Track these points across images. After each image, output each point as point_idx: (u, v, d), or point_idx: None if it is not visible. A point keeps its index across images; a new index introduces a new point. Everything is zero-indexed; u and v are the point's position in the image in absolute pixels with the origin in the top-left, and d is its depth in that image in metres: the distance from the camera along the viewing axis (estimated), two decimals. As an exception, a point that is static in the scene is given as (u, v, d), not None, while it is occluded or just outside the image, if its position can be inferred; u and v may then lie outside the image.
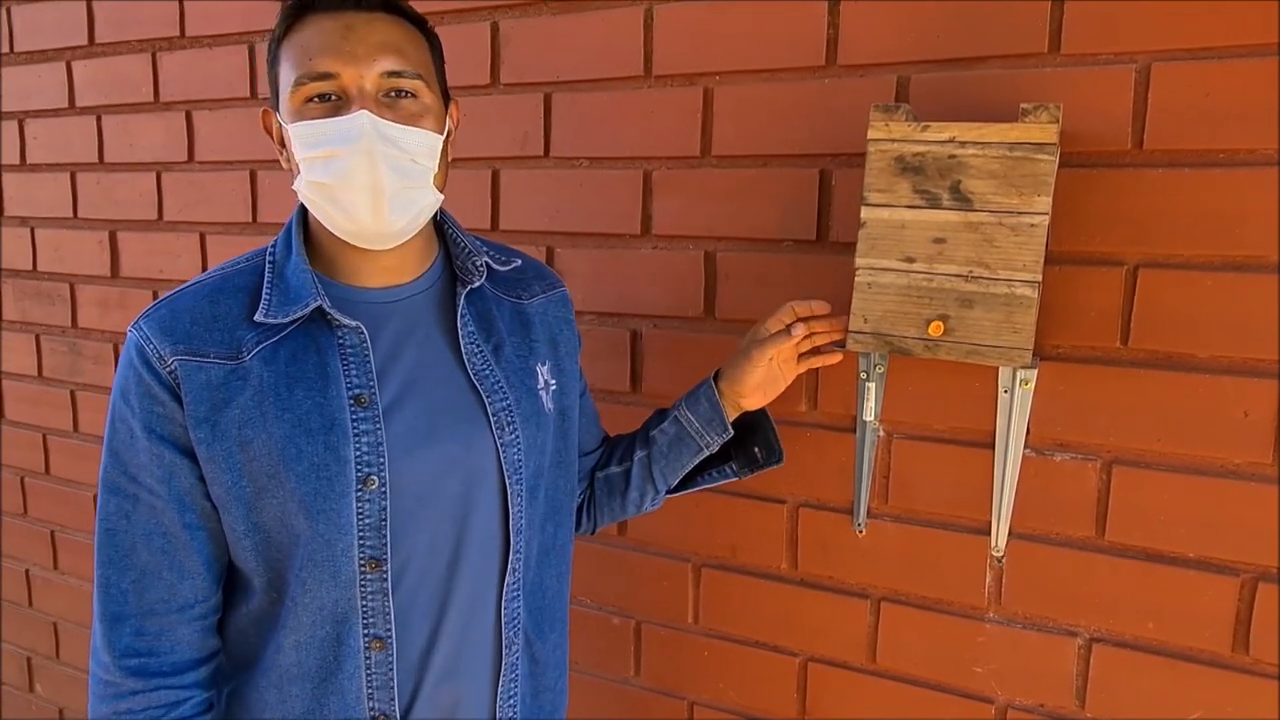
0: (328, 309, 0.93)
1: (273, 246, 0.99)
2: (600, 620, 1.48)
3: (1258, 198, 1.02)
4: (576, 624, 1.49)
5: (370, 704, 0.95)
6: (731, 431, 1.13)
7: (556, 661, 1.11)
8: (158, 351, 0.91)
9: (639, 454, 1.17)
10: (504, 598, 1.01)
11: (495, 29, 1.44)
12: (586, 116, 1.39)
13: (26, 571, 2.23)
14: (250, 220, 1.73)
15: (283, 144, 0.96)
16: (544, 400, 1.04)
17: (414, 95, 0.92)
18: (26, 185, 2.03)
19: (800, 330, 1.08)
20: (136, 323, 0.94)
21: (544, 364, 1.06)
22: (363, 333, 0.94)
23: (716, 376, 1.13)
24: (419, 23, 0.97)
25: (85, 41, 1.87)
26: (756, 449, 1.18)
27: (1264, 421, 1.04)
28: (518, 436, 1.00)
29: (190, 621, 0.94)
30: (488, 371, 1.00)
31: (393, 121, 0.90)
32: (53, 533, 2.14)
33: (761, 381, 1.10)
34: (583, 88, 1.38)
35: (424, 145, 0.92)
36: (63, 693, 2.24)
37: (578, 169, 1.41)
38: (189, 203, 1.80)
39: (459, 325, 1.00)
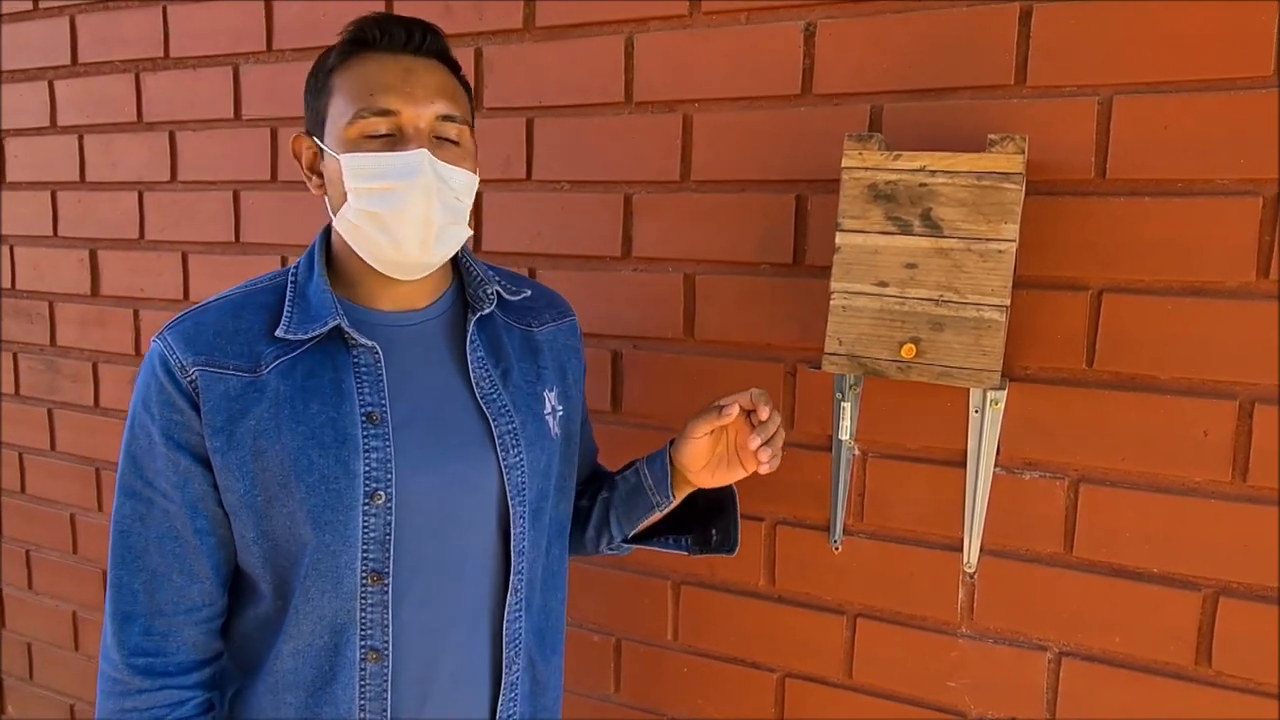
0: (346, 328, 0.96)
1: (295, 268, 1.03)
2: (580, 637, 1.49)
3: (1214, 225, 1.06)
4: (557, 641, 1.51)
5: (362, 715, 0.97)
6: (672, 498, 1.10)
7: (556, 684, 1.13)
8: (180, 361, 0.94)
9: (603, 494, 1.18)
10: (506, 617, 1.03)
11: (479, 54, 1.46)
12: (568, 141, 1.41)
13: (0, 592, 2.20)
14: (233, 240, 1.74)
15: (312, 170, 1.01)
16: (550, 425, 1.07)
17: (459, 140, 0.98)
18: (6, 203, 2.03)
19: (733, 409, 1.00)
20: (161, 333, 0.97)
21: (551, 390, 1.08)
22: (377, 352, 0.97)
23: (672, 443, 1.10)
24: (458, 71, 1.02)
25: (68, 61, 1.88)
26: (714, 530, 1.18)
27: (1223, 441, 1.07)
28: (521, 459, 1.02)
29: (197, 624, 0.97)
30: (495, 395, 1.02)
31: (442, 160, 0.95)
32: (28, 552, 2.12)
33: (704, 461, 1.06)
34: (564, 113, 1.41)
35: (467, 184, 0.99)
36: (35, 714, 2.21)
37: (559, 192, 1.43)
38: (171, 222, 1.81)
39: (468, 350, 1.03)
